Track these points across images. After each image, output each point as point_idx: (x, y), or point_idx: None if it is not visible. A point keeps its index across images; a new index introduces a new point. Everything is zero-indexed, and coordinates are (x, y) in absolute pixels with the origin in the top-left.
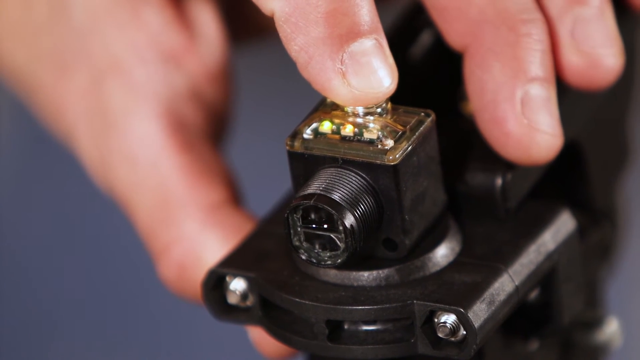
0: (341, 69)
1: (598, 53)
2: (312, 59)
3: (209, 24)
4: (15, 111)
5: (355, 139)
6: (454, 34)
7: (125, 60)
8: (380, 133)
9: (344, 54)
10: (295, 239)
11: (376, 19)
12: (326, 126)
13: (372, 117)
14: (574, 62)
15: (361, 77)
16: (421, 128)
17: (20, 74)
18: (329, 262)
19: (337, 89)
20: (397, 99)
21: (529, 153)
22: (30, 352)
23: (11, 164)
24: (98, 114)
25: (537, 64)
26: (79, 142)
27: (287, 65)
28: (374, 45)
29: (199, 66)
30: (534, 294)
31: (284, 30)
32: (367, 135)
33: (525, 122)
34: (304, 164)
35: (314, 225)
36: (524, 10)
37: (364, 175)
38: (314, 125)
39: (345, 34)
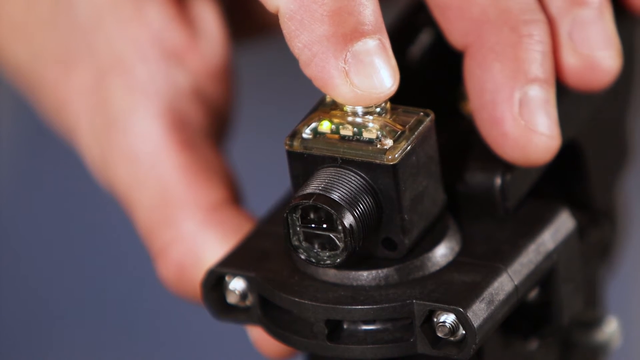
0: (344, 67)
1: (595, 55)
2: (316, 57)
3: (210, 22)
4: (16, 107)
5: (355, 138)
6: (456, 33)
7: (128, 58)
8: (379, 133)
9: (348, 53)
10: (294, 238)
11: (380, 20)
12: (325, 126)
13: (371, 117)
14: (571, 63)
15: (364, 76)
16: (420, 128)
17: (22, 71)
18: (328, 262)
19: (339, 88)
20: (397, 98)
21: (525, 154)
22: (30, 352)
23: (11, 160)
24: (100, 111)
25: (537, 65)
26: (80, 139)
27: (288, 65)
28: (378, 45)
29: (200, 64)
30: (533, 294)
31: (288, 27)
32: (366, 135)
33: (522, 124)
34: (303, 164)
35: (313, 225)
36: (526, 10)
37: (363, 175)
38: (313, 124)
39: (349, 33)
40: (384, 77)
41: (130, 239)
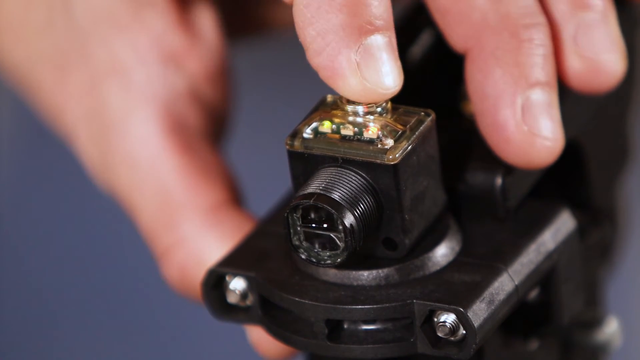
0: (356, 59)
1: (600, 59)
2: (328, 46)
3: (208, 25)
4: (16, 107)
5: (355, 138)
6: (456, 37)
7: (125, 61)
8: (380, 132)
9: (360, 46)
10: (295, 238)
11: (392, 18)
12: (326, 125)
13: (372, 117)
14: (576, 67)
15: (373, 70)
16: (421, 128)
17: (20, 73)
18: (328, 262)
19: (348, 79)
20: (398, 98)
21: (529, 158)
22: (30, 353)
23: (11, 160)
24: (97, 115)
25: (538, 69)
26: (78, 143)
27: (288, 65)
28: (387, 42)
29: (198, 67)
30: (533, 294)
31: (303, 14)
32: (367, 135)
33: (525, 129)
34: (304, 164)
35: (313, 225)
36: (526, 14)
37: (363, 175)
38: (314, 124)
39: (363, 26)
40: (392, 74)
41: (130, 238)
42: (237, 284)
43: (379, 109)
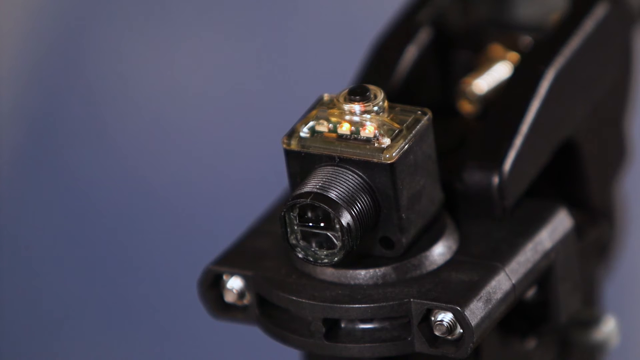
0: None
1: None
2: None
3: None
4: (16, 107)
5: (352, 137)
6: None
7: None
8: (377, 131)
9: None
10: (291, 237)
11: None
12: (323, 125)
13: (368, 116)
14: None
15: None
16: (418, 126)
17: None
18: (325, 261)
19: None
20: (395, 97)
21: None
22: (30, 353)
23: (11, 160)
24: None
25: None
26: None
27: (286, 63)
28: None
29: None
30: (531, 293)
31: None
32: (363, 134)
33: None
34: (301, 163)
35: (310, 224)
36: None
37: (360, 174)
38: (311, 123)
39: None
40: None
41: (131, 239)
42: (234, 283)
43: (375, 108)
